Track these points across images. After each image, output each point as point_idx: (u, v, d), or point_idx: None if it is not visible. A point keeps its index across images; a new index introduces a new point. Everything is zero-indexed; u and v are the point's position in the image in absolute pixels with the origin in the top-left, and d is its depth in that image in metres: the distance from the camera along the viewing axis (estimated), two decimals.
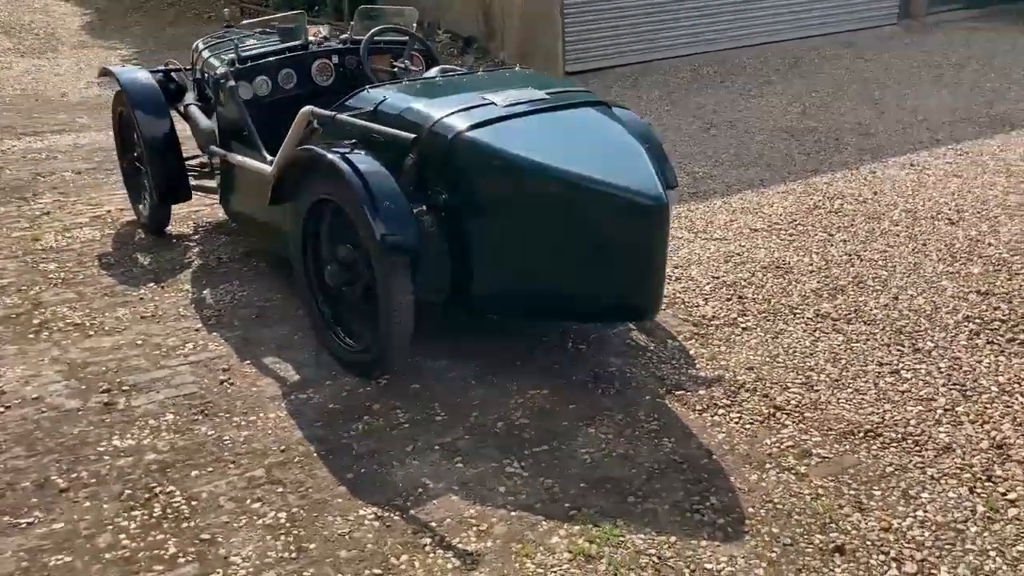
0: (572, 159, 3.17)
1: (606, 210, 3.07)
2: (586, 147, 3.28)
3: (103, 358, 3.71)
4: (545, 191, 3.12)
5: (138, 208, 5.17)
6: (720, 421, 3.27)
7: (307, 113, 3.50)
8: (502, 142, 3.20)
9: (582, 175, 3.09)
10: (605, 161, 3.20)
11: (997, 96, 8.00)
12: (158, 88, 4.81)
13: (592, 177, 3.09)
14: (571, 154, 3.21)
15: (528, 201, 3.15)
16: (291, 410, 3.34)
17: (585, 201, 3.08)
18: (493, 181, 3.19)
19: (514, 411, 3.33)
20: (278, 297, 4.25)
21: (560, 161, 3.14)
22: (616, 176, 3.10)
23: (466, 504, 2.83)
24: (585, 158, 3.20)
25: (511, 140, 3.21)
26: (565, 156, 3.18)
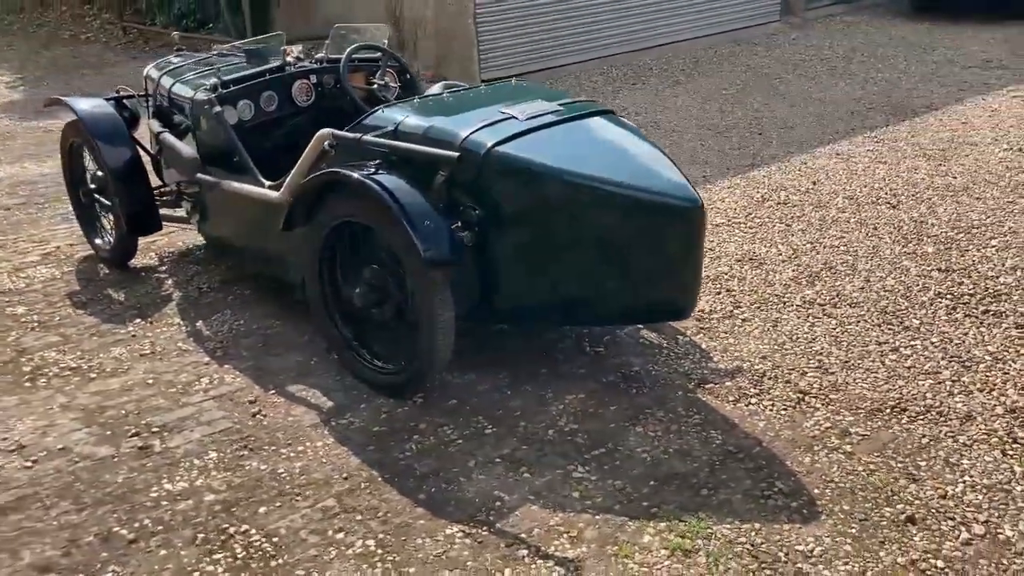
0: (604, 166, 3.26)
1: (645, 214, 3.17)
2: (613, 154, 3.38)
3: (117, 401, 3.57)
4: (582, 199, 3.19)
5: (95, 243, 4.96)
6: (756, 410, 3.42)
7: (326, 135, 3.47)
8: (534, 154, 3.25)
9: (619, 181, 3.18)
10: (635, 167, 3.30)
11: (891, 86, 8.53)
12: (118, 117, 4.63)
13: (628, 183, 3.18)
14: (602, 162, 3.30)
15: (565, 210, 3.22)
16: (337, 437, 3.30)
17: (623, 206, 3.17)
18: (529, 193, 3.24)
19: (559, 418, 3.39)
20: (277, 324, 4.17)
21: (594, 169, 3.22)
22: (650, 180, 3.21)
23: (547, 513, 2.88)
24: (616, 165, 3.29)
25: (542, 152, 3.27)
26: (597, 164, 3.27)
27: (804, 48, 10.35)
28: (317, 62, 4.46)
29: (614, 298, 3.33)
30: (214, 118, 4.04)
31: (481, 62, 8.94)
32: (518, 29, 9.14)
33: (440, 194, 3.28)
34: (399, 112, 3.51)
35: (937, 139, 6.79)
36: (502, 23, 8.99)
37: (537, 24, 9.24)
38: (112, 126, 4.55)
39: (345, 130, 3.51)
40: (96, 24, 13.23)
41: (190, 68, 4.70)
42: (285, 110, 4.32)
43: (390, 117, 3.48)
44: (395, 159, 3.37)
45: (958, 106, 7.69)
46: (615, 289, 3.31)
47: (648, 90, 8.71)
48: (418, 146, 3.23)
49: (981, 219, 5.23)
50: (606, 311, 3.41)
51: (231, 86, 4.13)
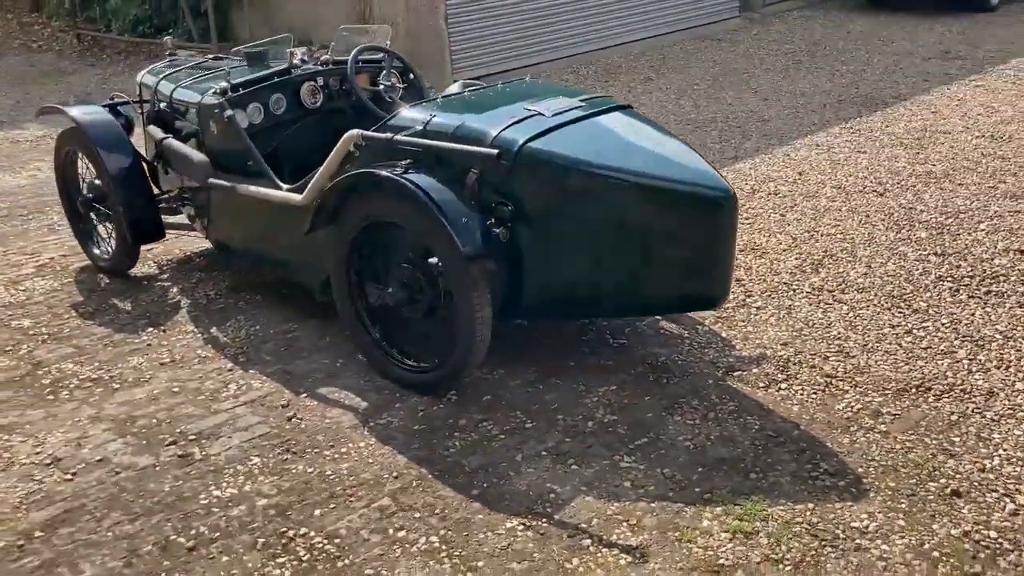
0: (635, 160, 3.31)
1: (679, 205, 3.22)
2: (641, 148, 3.42)
3: (147, 410, 3.52)
4: (616, 193, 3.23)
5: (93, 253, 4.88)
6: (787, 395, 3.49)
7: (355, 136, 3.46)
8: (566, 149, 3.28)
9: (651, 173, 3.23)
10: (665, 159, 3.35)
11: (856, 78, 8.73)
12: (118, 123, 4.56)
13: (661, 175, 3.23)
14: (632, 155, 3.34)
15: (598, 204, 3.25)
16: (378, 436, 3.30)
17: (658, 199, 3.22)
18: (562, 188, 3.27)
19: (596, 410, 3.43)
20: (295, 328, 4.14)
21: (626, 162, 3.27)
22: (682, 172, 3.26)
23: (602, 503, 2.91)
24: (646, 158, 3.34)
25: (573, 146, 3.31)
26: (627, 157, 3.31)
27: (767, 43, 10.53)
28: (322, 64, 4.43)
29: (647, 290, 3.38)
30: (226, 122, 4.00)
31: (453, 64, 8.95)
32: (488, 29, 9.17)
33: (472, 192, 3.30)
34: (426, 111, 3.51)
35: (911, 128, 6.97)
36: (473, 23, 9.02)
37: (507, 23, 9.28)
38: (113, 133, 4.48)
39: (372, 131, 3.50)
40: (47, 32, 12.93)
41: (188, 73, 4.64)
42: (293, 113, 4.29)
43: (418, 117, 3.48)
44: (424, 158, 3.37)
45: (925, 96, 7.90)
46: (648, 281, 3.35)
47: (620, 87, 8.79)
48: (456, 144, 3.24)
49: (966, 204, 5.39)
50: (638, 303, 3.45)
51: (240, 89, 4.09)
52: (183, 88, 4.42)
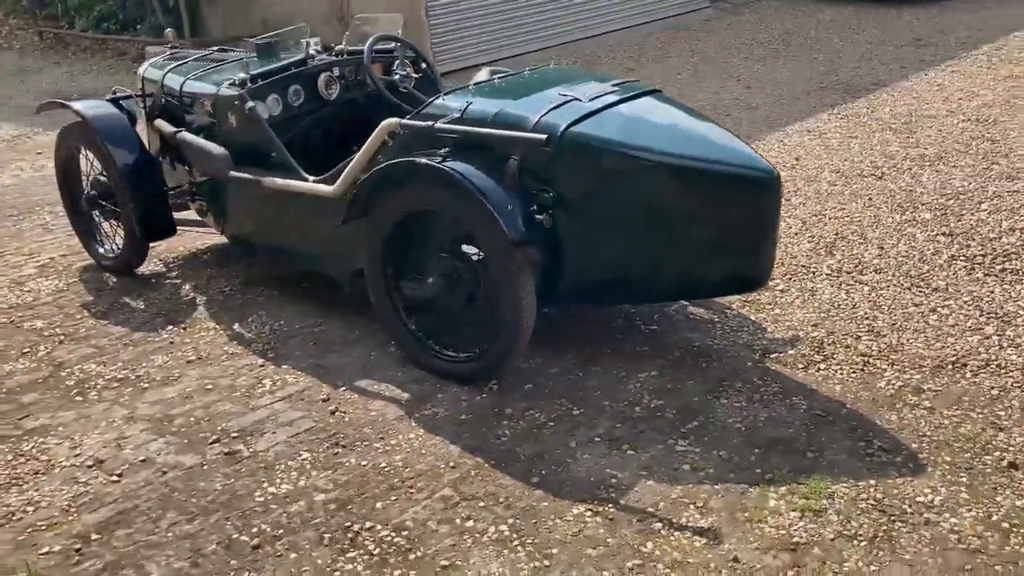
0: (676, 142, 3.30)
1: (725, 187, 3.21)
2: (680, 130, 3.42)
3: (182, 409, 3.44)
4: (662, 176, 3.22)
5: (98, 251, 4.76)
6: (827, 375, 3.52)
7: (392, 125, 3.41)
8: (609, 133, 3.27)
9: (696, 156, 3.22)
10: (706, 142, 3.35)
11: (834, 65, 8.83)
12: (126, 118, 4.45)
13: (705, 157, 3.23)
14: (674, 138, 3.34)
15: (644, 188, 3.24)
16: (426, 428, 3.26)
17: (703, 181, 3.21)
18: (605, 172, 3.25)
19: (641, 395, 3.42)
20: (320, 322, 4.08)
21: (668, 145, 3.26)
22: (725, 154, 3.26)
23: (665, 486, 2.91)
24: (687, 140, 3.34)
25: (614, 130, 3.29)
26: (670, 141, 3.30)
27: (741, 33, 10.61)
28: (336, 54, 4.37)
29: (691, 273, 3.37)
30: (247, 114, 3.92)
31: (435, 56, 8.88)
32: (469, 20, 9.13)
33: (513, 179, 3.27)
34: (462, 99, 3.47)
35: (897, 114, 7.06)
36: (453, 15, 8.97)
37: (486, 15, 9.25)
38: (122, 128, 4.38)
39: (409, 119, 3.45)
40: (5, 30, 12.61)
41: (196, 65, 4.55)
42: (310, 104, 4.22)
43: (454, 104, 3.44)
44: (461, 146, 3.33)
45: (905, 82, 8.01)
46: (693, 264, 3.35)
47: None
48: (503, 131, 3.21)
49: (964, 186, 5.47)
50: (682, 287, 3.45)
51: (259, 80, 4.01)
52: (194, 81, 4.32)
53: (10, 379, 3.70)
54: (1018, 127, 6.48)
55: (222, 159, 3.95)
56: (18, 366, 3.80)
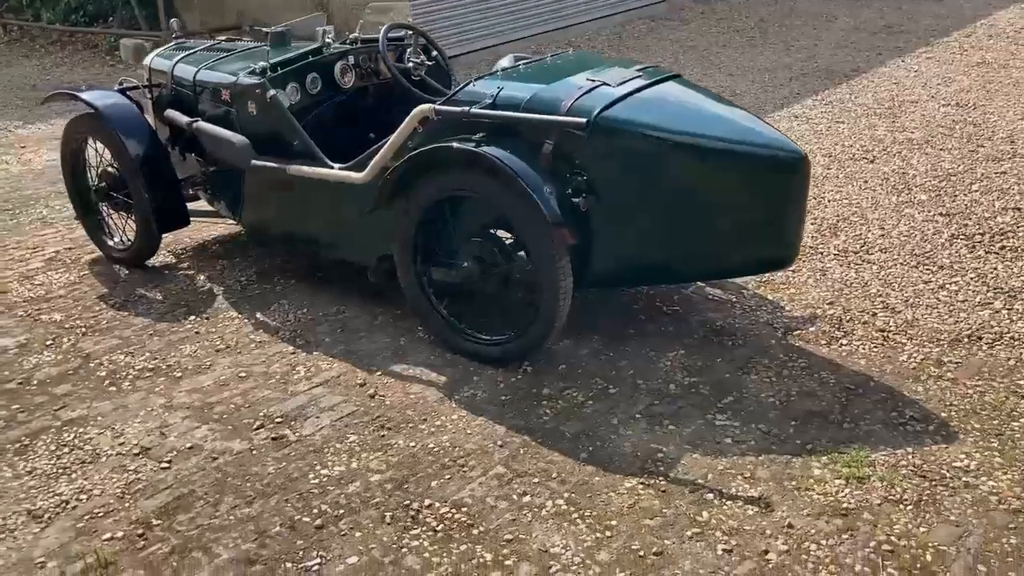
0: (706, 125, 3.37)
1: (755, 168, 3.30)
2: (708, 114, 3.50)
3: (220, 396, 3.46)
4: (693, 158, 3.29)
5: (108, 244, 4.73)
6: (850, 350, 3.63)
7: (427, 110, 3.45)
8: (641, 117, 3.33)
9: (726, 138, 3.30)
10: (733, 125, 3.43)
11: (812, 53, 9.00)
12: (137, 108, 4.43)
13: (735, 139, 3.31)
14: (702, 121, 3.41)
15: (675, 170, 3.31)
16: (468, 409, 3.31)
17: (734, 163, 3.29)
18: (638, 155, 3.31)
19: (674, 373, 3.51)
20: (343, 309, 4.11)
21: (699, 128, 3.34)
22: (754, 136, 3.34)
23: (710, 459, 2.99)
24: (716, 123, 3.42)
25: (645, 114, 3.36)
26: (699, 123, 3.38)
27: (717, 22, 10.75)
28: (351, 43, 4.38)
29: (722, 253, 3.45)
30: (268, 102, 3.93)
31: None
32: (451, 11, 9.14)
33: (547, 162, 3.32)
34: (492, 85, 3.52)
35: (879, 99, 7.23)
36: (436, 5, 8.97)
37: (469, 5, 9.27)
38: (135, 118, 4.36)
39: (441, 105, 3.49)
40: None
41: (207, 55, 4.53)
42: (326, 92, 4.24)
43: (485, 90, 3.48)
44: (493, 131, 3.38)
45: (882, 68, 8.20)
46: (724, 244, 3.43)
47: None
48: (543, 116, 3.26)
49: (954, 168, 5.63)
50: (713, 267, 3.53)
51: (279, 69, 4.02)
52: (209, 70, 4.32)
53: (39, 371, 3.68)
54: (997, 111, 6.67)
55: (244, 148, 3.96)
56: (44, 358, 3.78)
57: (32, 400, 3.47)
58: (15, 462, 3.10)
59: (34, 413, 3.39)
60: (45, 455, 3.14)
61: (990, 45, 8.76)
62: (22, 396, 3.50)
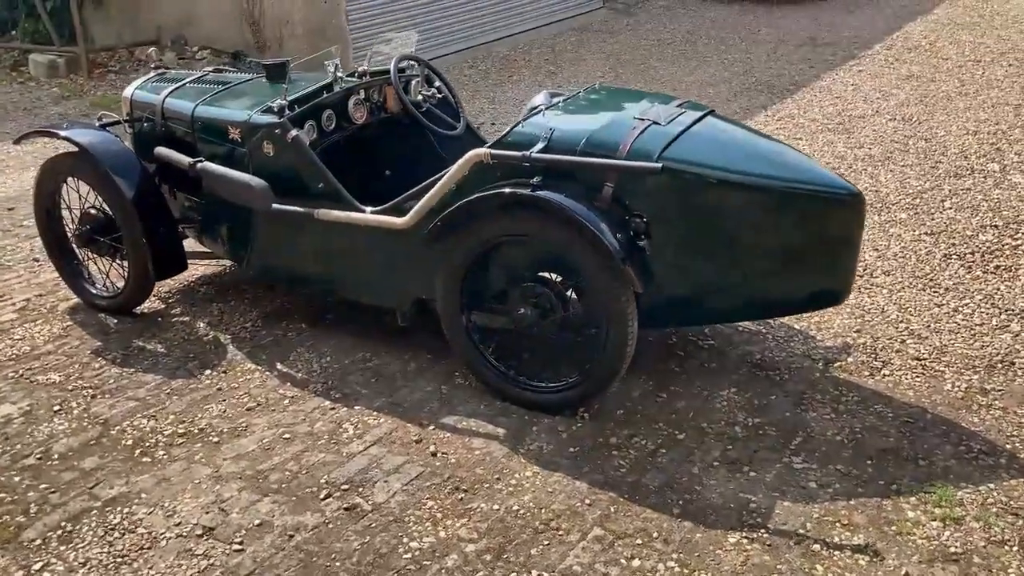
0: (764, 164, 3.36)
1: (813, 207, 3.29)
2: (762, 152, 3.48)
3: (271, 462, 3.24)
4: (754, 197, 3.27)
5: (90, 291, 4.40)
6: (895, 380, 3.68)
7: (482, 155, 3.32)
8: (700, 157, 3.29)
9: (785, 177, 3.29)
10: (788, 163, 3.42)
11: (747, 66, 9.18)
12: (127, 146, 4.14)
13: (794, 178, 3.30)
14: (759, 160, 3.39)
15: (735, 210, 3.28)
16: (541, 464, 3.21)
17: (794, 202, 3.28)
18: (700, 195, 3.27)
19: (734, 414, 3.48)
20: (369, 355, 3.93)
21: (754, 167, 3.31)
22: (808, 174, 3.34)
23: (803, 505, 2.97)
24: (772, 162, 3.40)
25: (702, 154, 3.32)
26: (756, 162, 3.36)
27: (644, 33, 10.86)
28: (359, 76, 4.20)
29: (778, 291, 3.44)
30: (290, 143, 3.71)
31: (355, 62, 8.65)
32: (387, 25, 8.94)
33: (606, 205, 3.25)
34: (542, 125, 3.41)
35: (827, 114, 7.42)
36: (372, 19, 8.77)
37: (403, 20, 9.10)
38: (127, 156, 4.08)
39: (490, 147, 3.37)
40: None
41: (203, 88, 4.26)
42: (339, 128, 4.05)
43: (537, 131, 3.37)
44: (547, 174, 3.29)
45: (820, 82, 8.43)
46: (780, 282, 3.42)
47: (532, 82, 8.81)
48: (619, 161, 3.18)
49: (921, 185, 5.82)
50: (768, 305, 3.51)
51: (295, 107, 3.81)
52: (210, 106, 4.05)
53: (56, 443, 3.37)
54: (941, 126, 6.93)
55: (263, 191, 3.73)
56: (57, 427, 3.47)
57: (60, 477, 3.18)
58: (64, 553, 2.83)
59: (68, 493, 3.10)
60: (95, 542, 2.87)
61: (912, 58, 9.11)
62: (47, 473, 3.20)
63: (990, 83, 8.00)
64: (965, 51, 9.22)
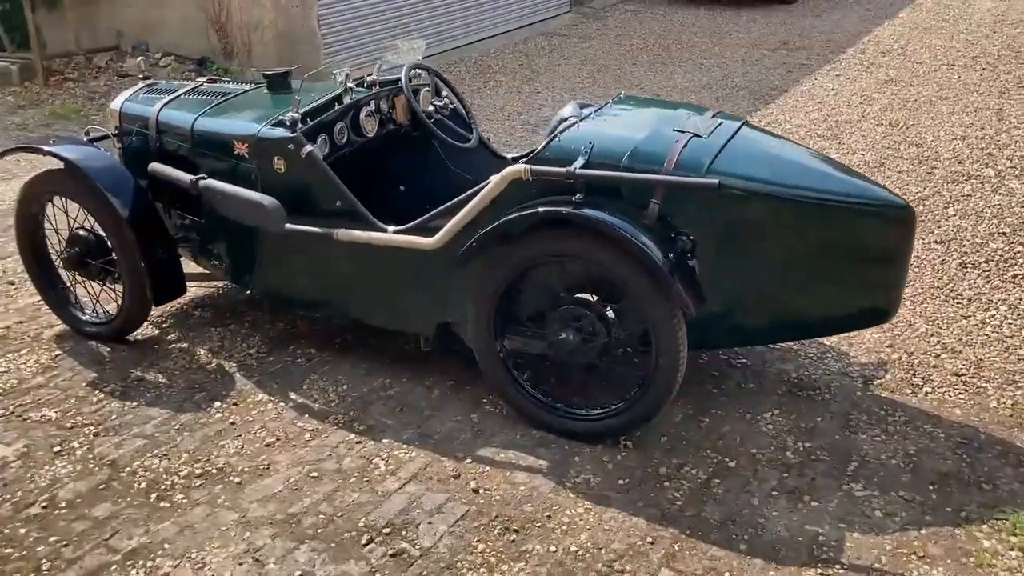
0: (812, 178, 3.22)
1: (864, 221, 3.16)
2: (803, 164, 3.34)
3: (302, 505, 3.01)
4: (805, 212, 3.13)
5: (79, 318, 4.12)
6: (939, 398, 3.57)
7: (520, 171, 3.12)
8: (746, 171, 3.15)
9: (835, 191, 3.16)
10: (831, 175, 3.29)
11: (726, 71, 9.11)
12: (120, 163, 3.87)
13: (841, 191, 3.17)
14: (802, 173, 3.25)
15: (786, 225, 3.14)
16: (591, 498, 3.03)
17: (841, 215, 3.14)
18: (749, 212, 3.12)
19: (783, 438, 3.34)
20: (388, 382, 3.72)
21: (807, 181, 3.18)
22: (855, 188, 3.21)
23: (873, 537, 2.84)
24: (816, 175, 3.27)
25: (749, 168, 3.17)
26: (801, 176, 3.22)
27: (615, 37, 10.75)
28: (368, 86, 3.98)
29: (828, 309, 3.30)
30: (304, 159, 3.48)
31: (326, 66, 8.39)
32: (358, 29, 8.72)
33: (652, 222, 3.09)
34: (580, 139, 3.22)
35: (813, 120, 7.37)
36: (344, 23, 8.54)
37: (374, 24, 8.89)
38: (121, 174, 3.81)
39: (525, 162, 3.18)
40: None
41: (201, 100, 4.00)
42: (350, 143, 3.83)
43: (575, 146, 3.19)
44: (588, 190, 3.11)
45: (800, 87, 8.39)
46: (828, 301, 3.28)
47: (510, 88, 8.64)
48: (676, 178, 3.01)
49: (921, 191, 5.76)
50: (818, 323, 3.37)
51: (308, 120, 3.58)
52: (211, 119, 3.80)
53: (62, 488, 3.10)
54: (928, 131, 6.91)
55: (276, 211, 3.49)
56: (61, 470, 3.19)
57: (71, 528, 2.91)
58: None
59: (82, 546, 2.83)
60: None
61: (887, 63, 9.12)
62: (56, 523, 2.93)
63: (968, 88, 8.02)
64: (937, 55, 9.25)
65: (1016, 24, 10.44)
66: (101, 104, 8.05)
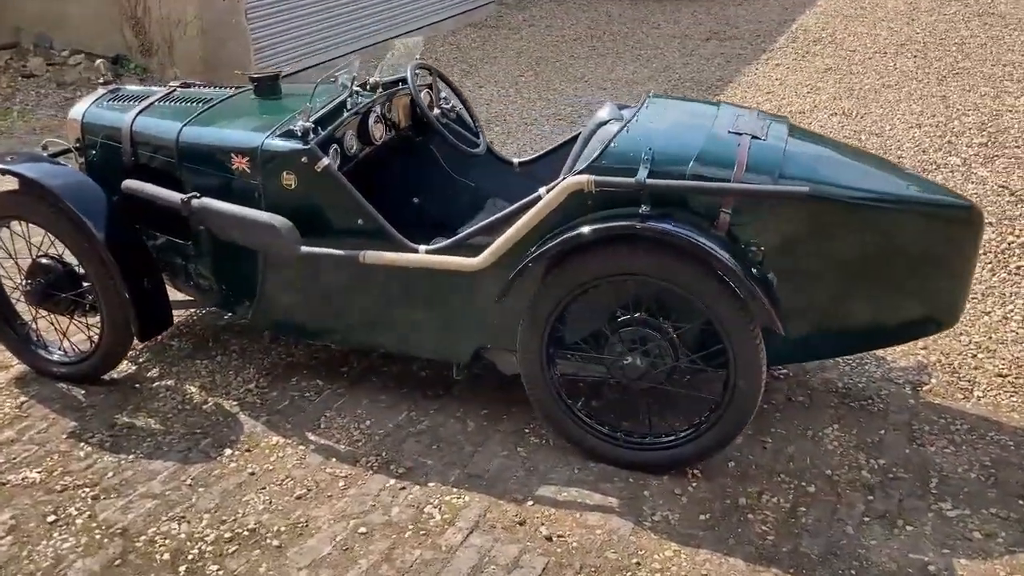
0: (873, 180, 3.05)
1: (934, 224, 2.99)
2: (864, 167, 3.16)
3: (360, 568, 2.67)
4: (874, 218, 2.95)
5: (43, 358, 3.63)
6: (992, 403, 3.45)
7: (584, 183, 2.83)
8: (816, 177, 2.94)
9: (898, 194, 2.99)
10: (893, 177, 3.13)
11: (665, 62, 8.96)
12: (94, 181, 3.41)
13: (905, 195, 3.00)
14: (866, 176, 3.09)
15: (854, 231, 2.95)
16: (674, 537, 2.78)
17: (914, 219, 2.97)
18: (821, 220, 2.92)
19: (853, 456, 3.16)
20: (415, 415, 3.39)
21: (872, 184, 3.01)
22: (918, 189, 3.06)
23: (982, 563, 2.68)
24: (879, 178, 3.10)
25: (818, 173, 2.97)
26: (866, 179, 3.05)
27: (545, 28, 10.51)
28: (370, 89, 3.61)
29: (892, 318, 3.13)
30: (319, 173, 3.11)
31: (257, 63, 7.89)
32: (287, 23, 8.23)
33: (724, 233, 2.86)
34: (634, 144, 2.95)
35: (768, 111, 7.26)
36: (273, 18, 8.03)
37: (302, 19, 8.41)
38: (93, 193, 3.37)
39: (583, 171, 2.90)
40: None
41: (181, 108, 3.56)
42: (360, 150, 3.46)
43: (632, 151, 2.92)
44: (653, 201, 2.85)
45: (744, 77, 8.31)
46: (897, 308, 3.10)
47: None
48: (763, 187, 2.76)
49: None
50: (884, 333, 3.18)
51: (320, 129, 3.20)
52: (199, 128, 3.37)
53: (69, 568, 2.66)
54: (884, 120, 6.90)
55: (288, 232, 3.10)
56: (62, 544, 2.75)
57: None
58: None
59: None
60: None
61: (820, 51, 9.14)
62: None
63: (906, 75, 8.08)
64: (866, 43, 9.33)
65: (930, 12, 10.64)
66: (6, 108, 7.34)
